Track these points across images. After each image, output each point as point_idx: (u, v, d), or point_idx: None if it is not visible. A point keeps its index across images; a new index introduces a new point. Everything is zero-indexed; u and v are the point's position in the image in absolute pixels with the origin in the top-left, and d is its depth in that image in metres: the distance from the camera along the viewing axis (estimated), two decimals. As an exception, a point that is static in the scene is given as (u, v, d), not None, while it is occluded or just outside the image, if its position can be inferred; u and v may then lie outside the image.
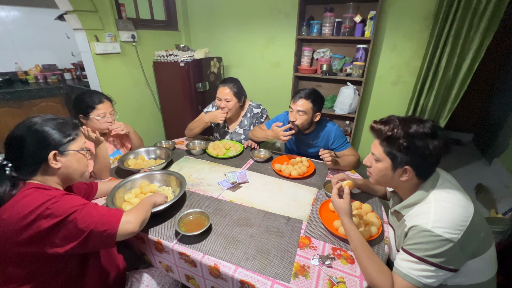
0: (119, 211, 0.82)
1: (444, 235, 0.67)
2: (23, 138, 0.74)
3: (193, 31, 3.14)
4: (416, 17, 2.11)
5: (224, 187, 1.29)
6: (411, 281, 0.70)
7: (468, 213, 0.71)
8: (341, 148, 1.55)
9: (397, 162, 0.79)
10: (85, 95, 1.37)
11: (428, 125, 0.75)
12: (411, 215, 0.79)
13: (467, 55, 1.93)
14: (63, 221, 0.69)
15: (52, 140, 0.77)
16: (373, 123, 0.84)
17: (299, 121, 1.48)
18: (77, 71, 3.43)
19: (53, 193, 0.72)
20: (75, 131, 0.84)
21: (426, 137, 0.74)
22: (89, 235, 0.71)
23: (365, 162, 0.91)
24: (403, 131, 0.76)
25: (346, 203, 0.90)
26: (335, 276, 0.82)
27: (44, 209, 0.67)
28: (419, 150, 0.75)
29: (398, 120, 0.79)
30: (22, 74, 3.13)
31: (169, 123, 2.97)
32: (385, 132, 0.79)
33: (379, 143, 0.83)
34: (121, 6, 2.34)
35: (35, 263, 0.70)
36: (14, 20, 3.05)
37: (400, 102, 2.40)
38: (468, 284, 0.76)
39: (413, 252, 0.71)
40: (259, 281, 0.81)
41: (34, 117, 0.78)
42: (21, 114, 2.83)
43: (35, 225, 0.66)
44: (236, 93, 1.72)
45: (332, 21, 2.26)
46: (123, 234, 0.79)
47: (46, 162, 0.76)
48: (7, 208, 0.67)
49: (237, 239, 0.97)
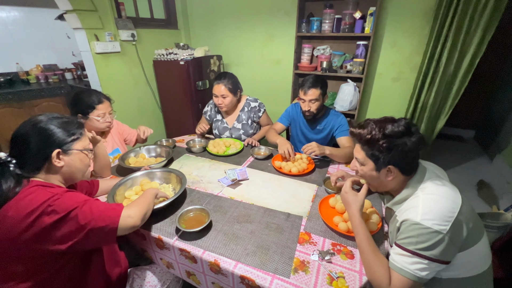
0: (119, 205, 0.82)
1: (433, 227, 0.69)
2: (28, 135, 0.75)
3: (192, 29, 3.14)
4: (417, 12, 2.10)
5: (224, 184, 1.30)
6: (407, 275, 0.71)
7: (456, 204, 0.72)
8: (342, 133, 1.59)
9: (380, 163, 0.82)
10: (83, 95, 1.36)
11: (402, 123, 0.79)
12: (402, 210, 0.80)
13: (468, 51, 1.92)
14: (65, 217, 0.69)
15: (57, 138, 0.78)
16: (351, 128, 0.89)
17: (314, 108, 1.57)
18: (78, 70, 3.44)
19: (55, 190, 0.73)
20: (79, 130, 0.85)
21: (403, 135, 0.78)
22: (90, 231, 0.72)
23: (351, 167, 0.94)
24: (381, 133, 0.79)
25: (362, 198, 0.92)
26: (334, 271, 0.83)
27: (46, 206, 0.68)
28: (398, 149, 0.78)
29: (374, 122, 0.83)
30: (24, 74, 3.14)
31: (169, 122, 2.98)
32: (365, 136, 0.82)
33: (360, 147, 0.86)
34: (120, 5, 2.34)
35: (37, 260, 0.71)
36: (15, 20, 3.06)
37: (401, 98, 2.40)
38: (462, 277, 0.76)
39: (405, 246, 0.73)
40: (259, 276, 0.82)
41: (39, 115, 0.79)
42: (22, 114, 2.85)
43: (38, 222, 0.67)
44: (231, 88, 1.75)
45: (332, 17, 2.25)
46: (124, 228, 0.79)
47: (49, 160, 0.77)
48: (12, 205, 0.68)
49: (237, 236, 0.97)
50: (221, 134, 1.93)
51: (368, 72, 2.34)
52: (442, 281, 0.77)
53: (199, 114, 2.60)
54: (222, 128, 1.93)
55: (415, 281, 0.71)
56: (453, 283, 0.77)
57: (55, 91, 3.04)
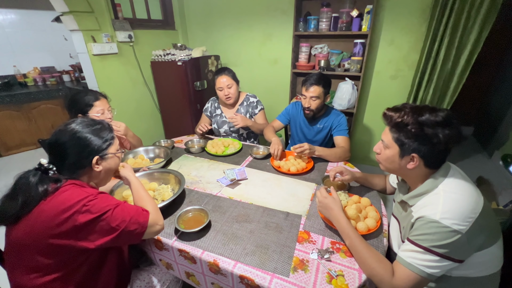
0: (145, 210, 0.85)
1: (452, 226, 0.67)
2: (67, 144, 0.79)
3: (190, 29, 3.14)
4: (414, 10, 2.10)
5: (223, 184, 1.30)
6: (414, 270, 0.70)
7: (478, 205, 0.70)
8: (339, 133, 1.60)
9: (404, 149, 0.78)
10: (79, 95, 1.37)
11: (441, 114, 0.74)
12: (419, 206, 0.78)
13: (465, 47, 1.92)
14: (98, 218, 0.73)
15: (94, 146, 0.82)
16: (386, 110, 0.84)
17: (314, 105, 1.57)
18: (76, 72, 3.44)
19: (90, 191, 0.77)
20: (111, 134, 0.89)
21: (437, 126, 0.72)
22: (120, 233, 0.75)
23: (375, 149, 0.90)
24: (413, 118, 0.75)
25: (338, 198, 0.92)
26: (334, 269, 0.83)
27: (81, 206, 0.71)
28: (427, 138, 0.73)
29: (410, 108, 0.78)
30: (21, 77, 3.14)
31: (168, 123, 2.98)
32: (395, 119, 0.79)
33: (389, 129, 0.82)
34: (117, 6, 2.34)
35: (63, 256, 0.73)
36: (11, 23, 3.05)
37: (399, 96, 2.40)
38: (473, 277, 0.75)
39: (419, 243, 0.71)
40: (258, 275, 0.82)
41: (74, 123, 0.83)
42: (20, 117, 2.84)
43: (72, 219, 0.70)
44: (233, 76, 1.83)
45: (329, 16, 2.25)
46: (151, 233, 0.83)
47: (89, 166, 0.82)
48: (49, 200, 0.72)
49: (236, 235, 0.97)
50: (220, 128, 1.94)
51: (366, 70, 2.34)
52: (452, 279, 0.76)
53: (197, 114, 2.60)
54: (221, 122, 1.93)
55: (422, 276, 0.70)
56: (462, 282, 0.76)
57: (53, 94, 3.03)
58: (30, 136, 2.98)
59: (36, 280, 0.73)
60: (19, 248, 0.73)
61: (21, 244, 0.73)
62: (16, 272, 0.75)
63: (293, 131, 1.88)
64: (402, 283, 0.72)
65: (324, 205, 0.96)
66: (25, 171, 0.77)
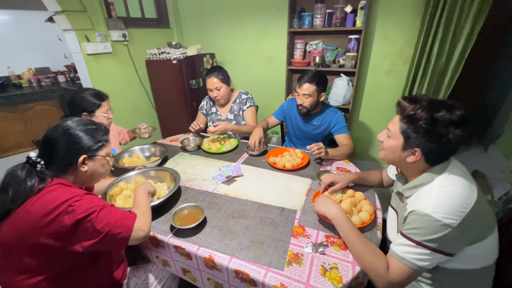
0: (132, 214, 0.84)
1: (443, 220, 0.67)
2: (57, 139, 0.79)
3: (185, 28, 3.12)
4: (407, 4, 2.10)
5: (219, 181, 1.30)
6: (406, 263, 0.72)
7: (470, 199, 0.70)
8: (340, 131, 1.60)
9: (409, 143, 0.76)
10: (86, 93, 1.35)
11: (457, 113, 0.70)
12: (413, 199, 0.79)
13: (458, 42, 1.93)
14: (83, 219, 0.72)
15: (84, 145, 0.82)
16: (401, 98, 0.80)
17: (306, 103, 1.58)
18: (71, 73, 3.42)
19: (77, 191, 0.76)
20: (105, 137, 0.88)
21: (450, 125, 0.69)
22: (105, 236, 0.74)
23: (379, 137, 0.89)
24: (428, 114, 0.71)
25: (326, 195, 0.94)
26: (328, 262, 0.84)
27: (67, 206, 0.71)
28: (436, 136, 0.71)
29: (428, 101, 0.74)
30: (15, 78, 3.11)
31: (164, 121, 2.97)
32: (408, 111, 0.75)
33: (399, 119, 0.79)
34: (110, 5, 2.32)
35: (51, 257, 0.73)
36: (4, 23, 3.02)
37: (394, 91, 2.41)
38: (467, 269, 0.76)
39: (411, 237, 0.72)
40: (253, 270, 0.82)
41: (69, 120, 0.83)
42: (16, 119, 2.82)
43: (58, 220, 0.69)
44: (223, 79, 1.80)
45: (323, 12, 2.25)
46: (136, 239, 0.81)
47: (75, 164, 0.81)
48: (34, 201, 0.71)
49: (232, 231, 0.98)
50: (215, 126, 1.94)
51: (360, 65, 2.34)
52: (446, 271, 0.77)
53: (193, 112, 2.59)
54: (216, 120, 1.94)
55: (414, 269, 0.71)
56: (456, 274, 0.77)
57: (48, 95, 3.01)
58: (26, 138, 2.96)
59: (26, 281, 0.73)
60: (6, 249, 0.73)
61: (7, 245, 0.72)
62: (5, 273, 0.74)
63: (289, 127, 1.88)
64: (396, 277, 0.73)
65: (320, 203, 0.97)
66: (15, 165, 0.76)
